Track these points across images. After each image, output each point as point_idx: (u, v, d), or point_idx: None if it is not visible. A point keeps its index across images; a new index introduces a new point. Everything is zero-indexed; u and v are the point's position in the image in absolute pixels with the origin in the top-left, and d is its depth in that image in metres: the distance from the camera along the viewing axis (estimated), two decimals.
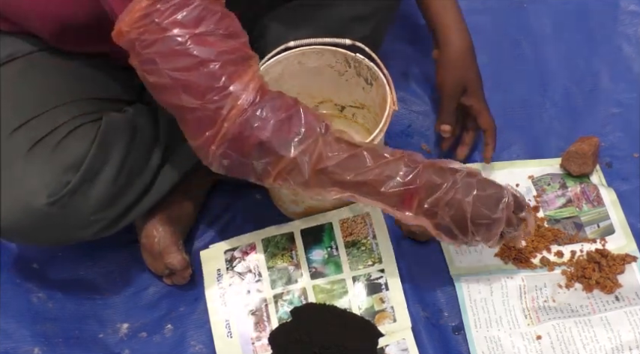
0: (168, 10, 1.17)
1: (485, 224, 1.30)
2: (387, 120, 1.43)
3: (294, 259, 1.50)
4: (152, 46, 1.19)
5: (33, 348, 1.45)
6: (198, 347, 1.46)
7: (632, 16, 1.83)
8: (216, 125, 1.22)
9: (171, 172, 1.44)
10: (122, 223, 1.41)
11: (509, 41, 1.81)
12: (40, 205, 1.30)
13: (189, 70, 1.20)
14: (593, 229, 1.53)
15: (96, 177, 1.33)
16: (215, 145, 1.23)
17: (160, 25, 1.17)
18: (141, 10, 1.17)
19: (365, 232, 1.52)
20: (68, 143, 1.33)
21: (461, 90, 1.56)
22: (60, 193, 1.30)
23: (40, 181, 1.30)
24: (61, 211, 1.31)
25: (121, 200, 1.38)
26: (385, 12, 1.56)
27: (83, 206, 1.33)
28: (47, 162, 1.31)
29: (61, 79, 1.38)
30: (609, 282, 1.43)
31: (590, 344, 1.37)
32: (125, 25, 1.18)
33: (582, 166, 1.57)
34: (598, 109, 1.71)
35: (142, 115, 1.43)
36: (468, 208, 1.28)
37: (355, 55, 1.49)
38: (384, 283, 1.47)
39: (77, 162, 1.32)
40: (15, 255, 1.56)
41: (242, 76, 1.22)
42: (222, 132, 1.22)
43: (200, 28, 1.19)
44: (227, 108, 1.21)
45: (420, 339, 1.42)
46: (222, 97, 1.21)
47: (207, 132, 1.23)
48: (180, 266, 1.48)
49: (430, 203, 1.28)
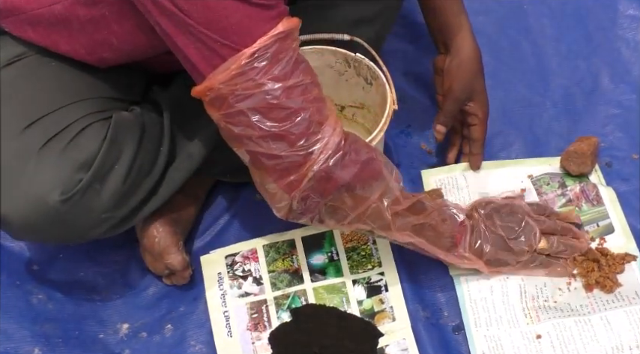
0: (265, 67, 1.19)
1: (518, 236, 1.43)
2: (387, 120, 1.44)
3: (294, 263, 1.51)
4: (246, 100, 1.21)
5: (33, 348, 1.45)
6: (198, 347, 1.46)
7: (631, 19, 1.84)
8: (304, 169, 1.24)
9: (177, 172, 1.44)
10: (130, 223, 1.41)
11: (509, 41, 1.82)
12: (53, 202, 1.29)
13: (283, 121, 1.22)
14: (592, 228, 1.53)
15: (107, 175, 1.33)
16: (300, 188, 1.26)
17: (255, 81, 1.19)
18: (238, 69, 1.18)
19: (365, 238, 1.52)
20: (80, 141, 1.32)
21: (467, 95, 1.57)
22: (72, 191, 1.30)
23: (53, 178, 1.29)
24: (73, 208, 1.31)
25: (131, 199, 1.37)
26: (389, 13, 1.57)
27: (95, 204, 1.33)
28: (60, 159, 1.30)
29: (71, 78, 1.38)
30: (609, 281, 1.43)
31: (590, 344, 1.37)
32: (218, 82, 1.19)
33: (581, 165, 1.57)
34: (598, 109, 1.71)
35: (149, 114, 1.43)
36: (500, 231, 1.43)
37: (355, 54, 1.49)
38: (384, 285, 1.47)
39: (89, 160, 1.31)
40: (15, 256, 1.56)
41: (329, 121, 1.25)
42: (309, 175, 1.24)
43: (291, 80, 1.22)
44: (317, 152, 1.24)
45: (420, 339, 1.42)
46: (313, 143, 1.24)
47: (293, 176, 1.25)
48: (181, 266, 1.48)
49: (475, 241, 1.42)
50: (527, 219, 1.45)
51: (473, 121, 1.58)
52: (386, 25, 1.58)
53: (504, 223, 1.44)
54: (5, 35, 1.37)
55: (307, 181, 1.25)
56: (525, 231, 1.44)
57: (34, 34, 1.34)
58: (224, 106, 1.22)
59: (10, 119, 1.32)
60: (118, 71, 1.42)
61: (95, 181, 1.32)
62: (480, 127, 1.58)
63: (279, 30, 1.19)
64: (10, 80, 1.35)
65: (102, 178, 1.32)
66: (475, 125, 1.58)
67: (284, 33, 1.20)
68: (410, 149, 1.67)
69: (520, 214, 1.45)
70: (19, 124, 1.31)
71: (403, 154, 1.67)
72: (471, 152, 1.61)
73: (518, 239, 1.43)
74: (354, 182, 1.28)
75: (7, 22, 1.35)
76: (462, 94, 1.56)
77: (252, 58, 1.18)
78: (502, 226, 1.43)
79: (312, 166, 1.24)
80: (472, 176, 1.61)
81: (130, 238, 1.53)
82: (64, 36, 1.33)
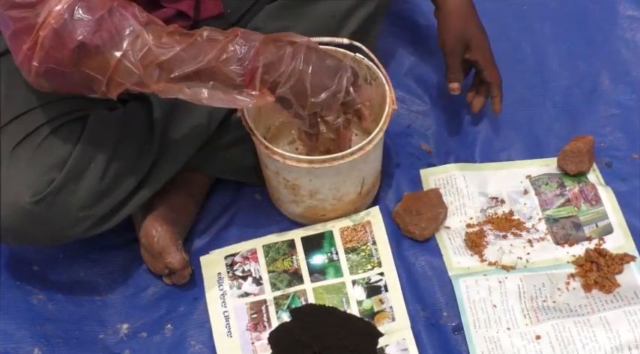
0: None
1: (325, 95, 1.28)
2: (387, 119, 1.44)
3: (294, 263, 1.51)
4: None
5: (33, 348, 1.45)
6: (198, 347, 1.46)
7: (630, 20, 1.84)
8: (33, 35, 1.16)
9: (165, 168, 1.44)
10: (114, 220, 1.41)
11: (509, 42, 1.82)
12: (25, 204, 1.30)
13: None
14: (591, 228, 1.53)
15: (81, 175, 1.33)
16: (35, 59, 1.17)
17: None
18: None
19: (365, 239, 1.52)
20: (52, 142, 1.33)
21: (462, 45, 1.55)
22: (44, 192, 1.30)
23: (24, 180, 1.30)
24: (47, 209, 1.31)
25: (110, 197, 1.38)
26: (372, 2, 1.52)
27: (69, 204, 1.33)
28: (30, 162, 1.31)
29: None
30: (608, 281, 1.44)
31: (589, 344, 1.37)
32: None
33: (579, 164, 1.58)
34: (598, 109, 1.72)
35: (135, 112, 1.43)
36: (307, 78, 1.26)
37: (355, 55, 1.49)
38: (384, 285, 1.48)
39: (61, 160, 1.32)
40: (15, 257, 1.56)
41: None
42: (39, 42, 1.16)
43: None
44: (43, 16, 1.15)
45: (419, 339, 1.42)
46: (40, 6, 1.15)
47: (24, 45, 1.17)
48: (180, 266, 1.48)
49: (271, 77, 1.25)
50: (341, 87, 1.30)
51: (479, 67, 1.57)
52: (373, 15, 1.53)
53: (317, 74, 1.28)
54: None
55: (39, 49, 1.16)
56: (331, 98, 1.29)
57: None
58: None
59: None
60: None
61: (69, 181, 1.32)
62: (489, 71, 1.57)
63: None
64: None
65: (76, 178, 1.33)
66: (483, 70, 1.57)
67: None
68: (410, 149, 1.67)
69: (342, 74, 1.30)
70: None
71: (403, 154, 1.67)
72: (491, 96, 1.60)
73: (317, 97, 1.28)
74: (91, 41, 1.17)
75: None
76: (455, 45, 1.55)
77: None
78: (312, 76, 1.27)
79: (39, 31, 1.15)
80: (471, 176, 1.61)
81: (130, 238, 1.54)
82: None
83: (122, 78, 1.20)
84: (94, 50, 1.18)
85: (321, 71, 1.27)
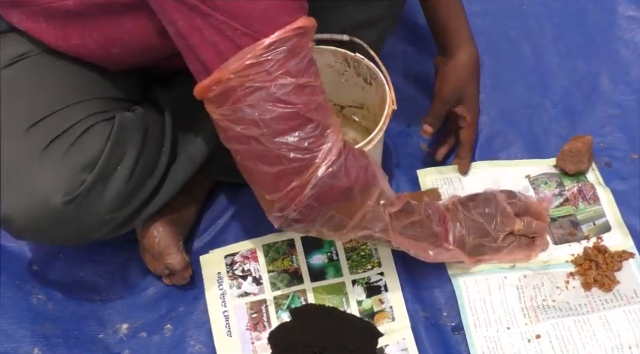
0: (281, 60, 1.15)
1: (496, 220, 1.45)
2: (387, 119, 1.44)
3: (294, 263, 1.51)
4: (255, 93, 1.16)
5: (33, 348, 1.45)
6: (197, 347, 1.46)
7: (630, 20, 1.84)
8: (307, 174, 1.20)
9: (178, 172, 1.44)
10: (133, 223, 1.41)
11: (509, 42, 1.82)
12: (57, 203, 1.28)
13: (290, 120, 1.18)
14: (589, 227, 1.53)
15: (110, 176, 1.33)
16: (302, 196, 1.21)
17: (269, 73, 1.15)
18: (254, 58, 1.14)
19: None
20: (83, 142, 1.32)
21: (457, 99, 1.57)
22: (76, 192, 1.29)
23: (56, 179, 1.29)
24: (77, 210, 1.30)
25: (134, 200, 1.37)
26: (391, 15, 1.55)
27: (98, 205, 1.32)
28: (63, 160, 1.30)
29: (73, 78, 1.37)
30: (607, 279, 1.43)
31: (589, 343, 1.37)
32: (229, 72, 1.15)
33: (578, 163, 1.58)
34: (597, 109, 1.72)
35: (150, 114, 1.43)
36: (480, 218, 1.44)
37: (355, 54, 1.49)
38: (384, 285, 1.48)
39: (93, 161, 1.31)
40: (15, 256, 1.56)
41: (333, 128, 1.22)
42: (312, 181, 1.20)
43: (304, 78, 1.18)
44: (321, 157, 1.20)
45: (419, 339, 1.42)
46: (319, 146, 1.20)
47: (295, 182, 1.20)
48: (180, 267, 1.48)
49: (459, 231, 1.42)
50: (502, 203, 1.47)
51: (461, 124, 1.59)
52: (388, 27, 1.56)
53: (481, 210, 1.46)
54: (10, 33, 1.36)
55: (310, 189, 1.21)
56: (501, 214, 1.46)
57: (47, 26, 1.33)
58: (229, 101, 1.18)
59: (13, 119, 1.32)
60: (120, 71, 1.41)
61: (98, 182, 1.31)
62: (467, 131, 1.59)
63: (299, 24, 1.16)
64: (13, 79, 1.35)
65: (105, 179, 1.32)
66: (463, 128, 1.59)
67: (303, 29, 1.17)
68: (410, 149, 1.67)
69: (494, 200, 1.47)
70: (23, 124, 1.31)
71: (403, 154, 1.67)
72: (458, 155, 1.61)
73: (496, 223, 1.45)
74: (354, 188, 1.24)
75: (17, 12, 1.34)
76: (451, 97, 1.57)
77: (269, 49, 1.14)
78: (480, 214, 1.45)
79: (316, 170, 1.20)
80: (469, 176, 1.61)
81: (130, 238, 1.53)
82: (76, 29, 1.32)
83: (371, 224, 1.30)
84: (355, 195, 1.26)
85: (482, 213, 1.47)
